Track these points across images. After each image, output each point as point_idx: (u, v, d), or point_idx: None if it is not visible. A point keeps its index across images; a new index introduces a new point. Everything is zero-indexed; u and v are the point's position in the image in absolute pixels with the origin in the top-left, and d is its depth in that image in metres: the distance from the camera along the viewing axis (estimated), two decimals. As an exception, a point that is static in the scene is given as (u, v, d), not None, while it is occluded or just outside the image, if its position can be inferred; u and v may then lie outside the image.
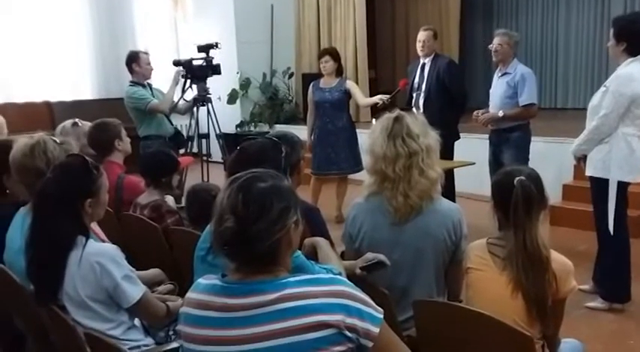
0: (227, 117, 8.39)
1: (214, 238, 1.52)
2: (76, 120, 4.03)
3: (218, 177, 6.79)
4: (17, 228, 2.47)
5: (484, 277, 2.23)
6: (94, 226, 2.54)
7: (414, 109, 5.57)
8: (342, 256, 2.52)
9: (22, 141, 2.66)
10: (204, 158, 6.37)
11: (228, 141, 6.49)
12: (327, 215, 2.87)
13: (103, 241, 2.59)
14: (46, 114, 9.07)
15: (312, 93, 6.30)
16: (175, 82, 5.70)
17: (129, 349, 2.18)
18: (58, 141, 2.71)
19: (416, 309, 2.18)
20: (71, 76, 9.79)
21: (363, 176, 5.12)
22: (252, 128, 9.98)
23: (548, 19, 10.54)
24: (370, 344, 1.50)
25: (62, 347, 2.27)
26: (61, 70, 9.62)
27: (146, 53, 5.68)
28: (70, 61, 9.70)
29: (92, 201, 2.25)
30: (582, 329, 3.47)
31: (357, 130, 6.41)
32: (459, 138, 5.76)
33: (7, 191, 2.94)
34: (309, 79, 7.83)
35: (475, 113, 5.31)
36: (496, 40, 5.14)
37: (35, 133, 2.77)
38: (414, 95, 5.82)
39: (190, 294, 1.60)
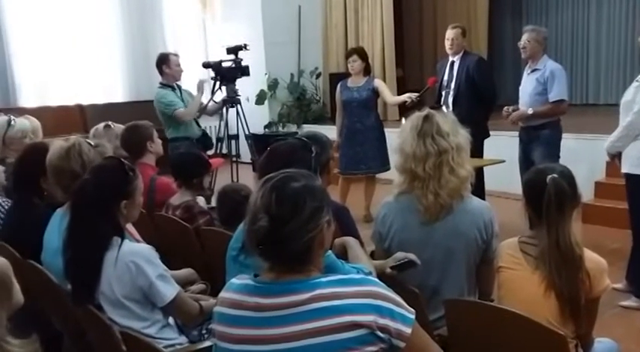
0: (255, 118, 8.44)
1: (248, 237, 1.54)
2: (109, 122, 4.10)
3: (247, 178, 6.86)
4: (55, 228, 2.52)
5: (516, 276, 2.22)
6: (129, 226, 2.58)
7: (443, 108, 5.54)
8: (372, 255, 2.52)
9: (57, 144, 2.72)
10: (234, 159, 6.43)
11: (256, 141, 6.54)
12: (355, 214, 2.89)
13: (138, 241, 2.63)
14: (79, 117, 9.25)
15: (340, 92, 6.30)
16: (200, 92, 5.71)
17: (163, 347, 2.21)
18: (92, 143, 2.76)
19: (447, 308, 2.18)
20: (103, 79, 9.96)
21: (391, 175, 5.12)
22: (280, 128, 10.03)
23: (579, 13, 10.40)
24: (402, 344, 1.50)
25: (98, 346, 2.32)
26: (93, 73, 9.79)
27: (176, 55, 5.74)
28: (101, 65, 9.87)
29: (128, 203, 2.30)
30: (616, 329, 3.42)
31: (385, 129, 6.40)
32: (488, 135, 5.71)
33: (45, 193, 3.00)
34: (336, 78, 7.84)
35: (505, 109, 5.25)
36: (524, 37, 5.09)
37: (69, 136, 2.83)
38: (443, 93, 5.79)
39: (224, 294, 1.63)
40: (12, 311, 1.16)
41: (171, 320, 2.43)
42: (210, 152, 5.88)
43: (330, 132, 6.16)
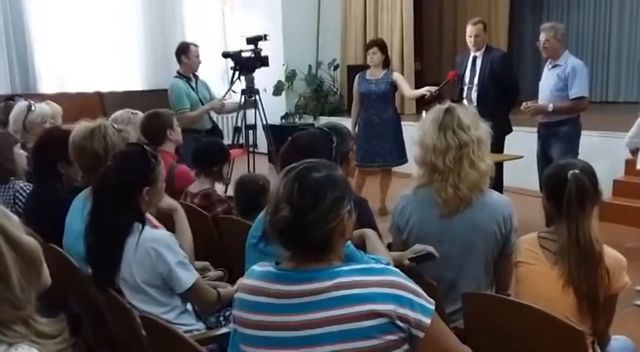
0: (272, 108, 8.44)
1: (270, 226, 1.54)
2: (129, 110, 4.11)
3: (264, 168, 6.88)
4: (77, 213, 2.54)
5: (534, 271, 2.21)
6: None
7: (464, 101, 5.50)
8: (389, 247, 2.53)
9: (83, 124, 2.74)
10: (251, 149, 6.44)
11: (273, 132, 6.55)
12: (371, 207, 2.90)
13: (156, 227, 2.66)
14: (97, 105, 9.31)
15: (359, 84, 6.29)
16: (210, 108, 5.68)
17: (181, 333, 2.24)
18: (117, 127, 2.79)
19: (465, 301, 2.18)
20: (122, 67, 10.03)
21: (407, 169, 5.09)
22: (296, 120, 10.04)
23: (601, 9, 10.29)
24: (421, 334, 1.51)
25: (118, 330, 2.35)
26: (112, 61, 9.85)
27: (196, 46, 5.75)
28: (120, 53, 9.93)
29: (150, 189, 2.32)
30: (632, 327, 3.38)
31: (403, 123, 6.39)
32: (511, 130, 5.64)
33: (63, 178, 3.03)
34: (354, 70, 7.82)
35: (524, 104, 5.21)
36: (543, 36, 5.05)
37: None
38: (465, 88, 5.74)
39: (245, 280, 1.64)
40: (40, 290, 1.18)
41: (189, 306, 2.45)
42: (227, 142, 5.90)
43: (348, 124, 6.16)
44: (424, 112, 2.60)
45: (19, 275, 1.10)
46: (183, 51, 5.61)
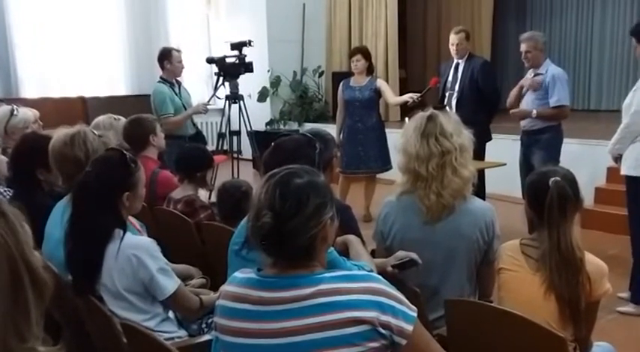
0: (257, 114, 8.44)
1: (252, 233, 1.53)
2: (111, 115, 4.08)
3: (248, 174, 6.86)
4: (57, 219, 2.51)
5: (517, 278, 2.22)
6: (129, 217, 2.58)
7: (447, 108, 5.54)
8: (373, 254, 2.53)
9: (62, 131, 2.71)
10: (235, 155, 6.42)
11: (258, 138, 6.54)
12: (355, 214, 2.89)
13: (139, 231, 2.63)
14: (80, 109, 9.26)
15: (342, 91, 6.31)
16: (194, 112, 5.64)
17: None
18: (96, 133, 2.76)
19: (447, 308, 2.18)
20: (105, 72, 9.97)
21: (391, 175, 5.10)
22: (281, 126, 10.03)
23: (583, 18, 10.41)
24: (404, 341, 1.50)
25: (98, 337, 2.31)
26: (95, 65, 9.80)
27: (178, 51, 5.70)
28: (104, 57, 9.88)
29: (130, 195, 2.29)
30: (614, 334, 3.40)
31: (387, 129, 6.41)
32: (490, 138, 5.72)
33: (43, 184, 2.99)
34: (339, 77, 7.84)
35: (512, 111, 5.27)
36: (523, 47, 5.10)
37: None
38: (447, 95, 5.80)
39: (227, 287, 1.63)
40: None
41: (171, 313, 2.43)
42: (211, 148, 5.87)
43: (332, 131, 6.16)
44: (407, 119, 2.61)
45: (37, 314, 1.08)
46: (165, 56, 5.57)
